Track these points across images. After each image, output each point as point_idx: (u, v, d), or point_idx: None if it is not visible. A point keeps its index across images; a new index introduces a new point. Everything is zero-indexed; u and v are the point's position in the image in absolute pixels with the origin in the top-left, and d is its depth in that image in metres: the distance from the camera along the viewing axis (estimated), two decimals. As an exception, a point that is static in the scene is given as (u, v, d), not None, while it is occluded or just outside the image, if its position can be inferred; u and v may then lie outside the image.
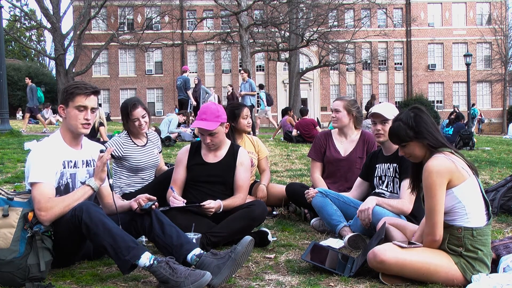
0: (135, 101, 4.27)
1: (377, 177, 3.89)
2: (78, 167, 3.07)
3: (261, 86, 18.74)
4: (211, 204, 3.51)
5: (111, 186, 3.13)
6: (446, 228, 2.76)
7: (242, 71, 13.95)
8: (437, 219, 2.68)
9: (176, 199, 3.57)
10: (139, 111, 4.18)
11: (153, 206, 3.00)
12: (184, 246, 2.85)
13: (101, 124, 9.40)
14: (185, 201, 3.59)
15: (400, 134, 2.80)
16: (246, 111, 4.64)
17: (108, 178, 3.02)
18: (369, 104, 29.86)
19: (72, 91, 2.97)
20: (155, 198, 3.04)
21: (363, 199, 3.87)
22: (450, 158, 2.70)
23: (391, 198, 3.71)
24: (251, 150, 4.65)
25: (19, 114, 29.87)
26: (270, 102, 18.09)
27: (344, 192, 4.10)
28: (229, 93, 17.61)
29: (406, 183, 3.59)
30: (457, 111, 25.30)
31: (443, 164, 2.67)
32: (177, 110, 16.69)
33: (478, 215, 2.71)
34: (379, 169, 3.88)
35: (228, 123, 3.84)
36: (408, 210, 3.62)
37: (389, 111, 3.80)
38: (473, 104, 34.17)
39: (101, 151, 3.01)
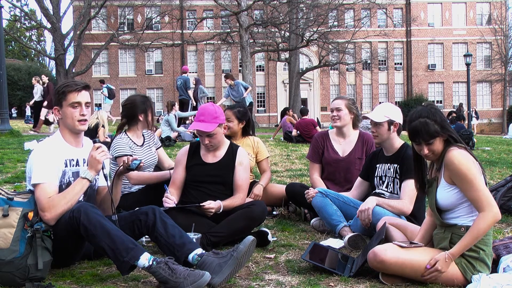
0: None
1: (377, 177, 3.88)
2: (80, 165, 3.08)
3: (102, 81, 19.06)
4: (211, 205, 3.51)
5: (106, 177, 3.14)
6: (449, 227, 2.77)
7: (226, 79, 13.65)
8: (487, 194, 2.64)
9: (168, 199, 3.54)
10: None
11: (141, 164, 3.14)
12: (186, 246, 2.85)
13: (102, 126, 9.44)
14: (175, 201, 3.57)
15: (430, 130, 2.71)
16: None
17: (103, 168, 3.03)
18: (458, 111, 30.42)
19: (64, 90, 3.01)
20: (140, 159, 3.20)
21: (363, 199, 3.86)
22: (467, 153, 2.73)
23: (391, 199, 3.71)
24: (249, 151, 4.62)
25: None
26: (112, 95, 18.53)
27: (344, 192, 4.10)
28: (44, 85, 15.57)
29: (407, 184, 3.59)
30: (462, 109, 25.31)
31: (466, 154, 2.70)
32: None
33: None
34: (379, 169, 3.87)
35: (226, 124, 3.82)
36: (408, 210, 3.62)
37: (381, 113, 3.75)
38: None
39: (94, 142, 3.10)
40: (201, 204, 3.50)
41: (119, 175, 3.26)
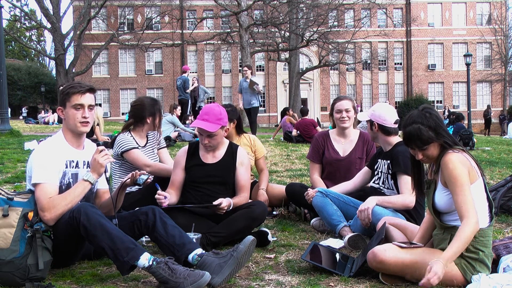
0: None
1: (376, 170, 3.92)
2: (80, 167, 3.08)
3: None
4: (223, 202, 3.48)
5: (108, 179, 3.14)
6: (448, 228, 2.76)
7: (245, 68, 13.38)
8: (472, 203, 2.61)
9: (160, 195, 3.39)
10: None
11: (148, 180, 3.13)
12: (186, 246, 2.85)
13: (97, 124, 9.40)
14: (168, 195, 3.45)
15: (423, 136, 2.69)
16: None
17: (105, 172, 3.03)
18: (486, 113, 30.97)
19: (68, 91, 3.02)
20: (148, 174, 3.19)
21: (364, 188, 3.91)
22: (465, 155, 2.71)
23: (390, 195, 3.73)
24: (248, 151, 4.62)
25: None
26: None
27: (344, 182, 4.11)
28: None
29: (403, 178, 3.61)
30: (490, 111, 25.30)
31: (462, 158, 2.68)
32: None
33: (481, 216, 2.70)
34: (378, 164, 3.91)
35: (227, 127, 3.80)
36: (411, 202, 3.62)
37: (368, 112, 3.85)
38: None
39: (98, 144, 3.10)
40: (213, 203, 3.47)
41: (124, 187, 3.22)
